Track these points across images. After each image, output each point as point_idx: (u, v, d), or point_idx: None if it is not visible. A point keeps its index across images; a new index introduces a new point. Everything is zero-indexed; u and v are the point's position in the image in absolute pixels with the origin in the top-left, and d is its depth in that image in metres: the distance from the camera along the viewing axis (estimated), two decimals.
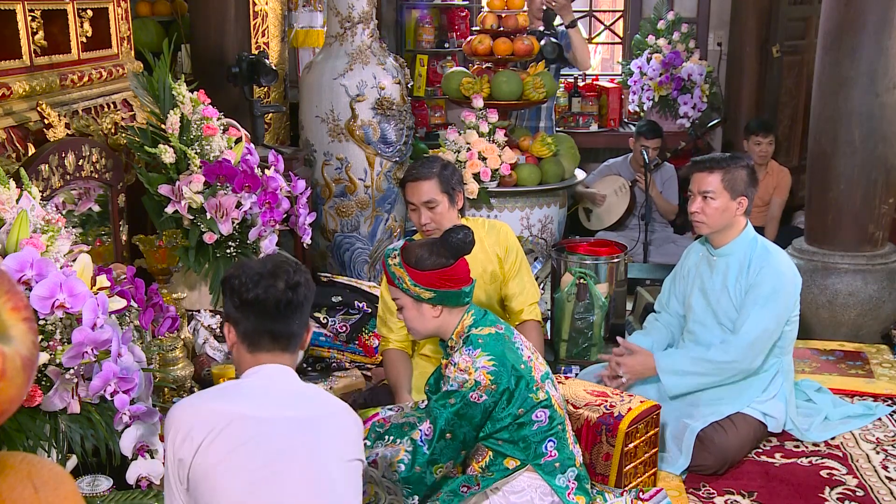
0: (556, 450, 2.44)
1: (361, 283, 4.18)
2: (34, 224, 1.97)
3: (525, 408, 2.38)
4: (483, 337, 2.39)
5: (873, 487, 2.91)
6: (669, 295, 3.44)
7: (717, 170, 3.13)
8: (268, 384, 1.84)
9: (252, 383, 1.85)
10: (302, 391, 1.88)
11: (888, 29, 3.88)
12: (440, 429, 2.34)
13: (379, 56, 4.41)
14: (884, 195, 4.05)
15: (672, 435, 3.06)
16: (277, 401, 1.82)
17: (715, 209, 3.13)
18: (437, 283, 2.39)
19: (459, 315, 2.46)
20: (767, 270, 3.09)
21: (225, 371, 2.83)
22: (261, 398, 1.82)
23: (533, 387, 2.39)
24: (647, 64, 6.18)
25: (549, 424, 2.42)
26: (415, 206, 3.07)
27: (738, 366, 3.12)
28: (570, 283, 3.86)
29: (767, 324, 3.08)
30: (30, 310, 1.20)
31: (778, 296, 3.08)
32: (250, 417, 1.76)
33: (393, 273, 2.43)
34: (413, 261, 2.40)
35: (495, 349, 2.37)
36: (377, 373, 3.62)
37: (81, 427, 1.89)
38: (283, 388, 1.86)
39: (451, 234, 2.40)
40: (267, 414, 1.78)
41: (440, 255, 2.40)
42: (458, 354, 2.39)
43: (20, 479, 1.19)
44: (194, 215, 3.06)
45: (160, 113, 3.14)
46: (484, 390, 2.32)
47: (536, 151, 4.68)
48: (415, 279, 2.39)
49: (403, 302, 2.45)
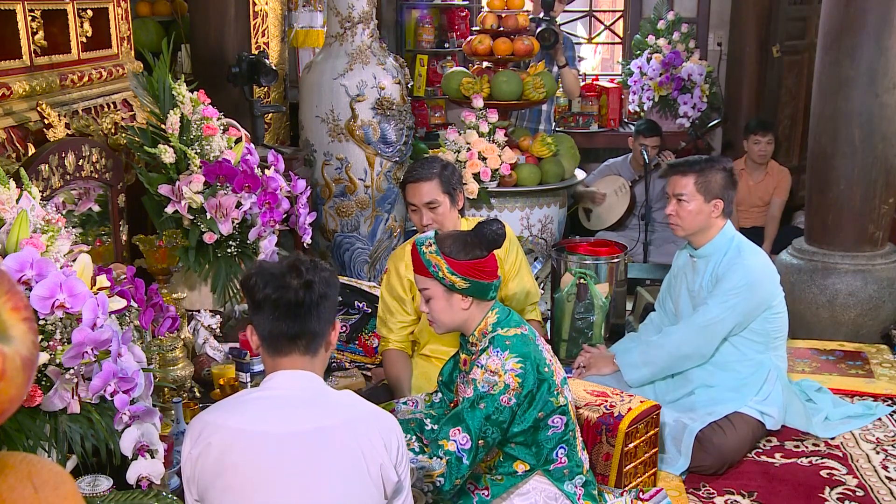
0: (566, 457, 2.42)
1: (361, 283, 4.18)
2: (34, 224, 1.97)
3: (545, 411, 2.36)
4: (510, 338, 2.37)
5: (873, 487, 2.91)
6: (665, 295, 3.48)
7: (690, 173, 3.16)
8: (276, 395, 1.81)
9: (263, 395, 1.83)
10: (314, 399, 1.83)
11: (888, 29, 3.88)
12: (475, 436, 2.29)
13: (379, 56, 4.41)
14: (884, 195, 4.05)
15: (671, 436, 3.06)
16: (283, 415, 1.78)
17: (689, 212, 3.15)
18: (472, 273, 2.37)
19: (485, 310, 2.44)
20: (735, 268, 3.12)
21: (225, 371, 2.83)
22: (267, 411, 1.79)
23: (554, 391, 2.38)
24: (647, 64, 6.18)
25: (564, 431, 2.41)
26: (416, 206, 3.06)
27: (684, 349, 3.19)
28: (570, 283, 3.86)
29: (720, 314, 3.12)
30: (30, 310, 1.20)
31: (738, 292, 3.10)
32: (250, 433, 1.74)
33: (428, 261, 2.39)
34: (449, 250, 2.38)
35: (522, 350, 2.35)
36: (377, 373, 3.62)
37: (81, 427, 1.89)
38: (293, 397, 1.81)
39: (486, 227, 2.39)
40: (266, 429, 1.75)
41: (474, 247, 2.39)
42: (486, 356, 2.35)
43: (20, 479, 1.19)
44: (194, 215, 3.06)
45: (160, 113, 3.14)
46: (512, 393, 2.30)
47: (536, 151, 4.68)
48: (452, 267, 2.36)
49: (434, 292, 2.41)
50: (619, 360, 3.32)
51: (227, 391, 2.78)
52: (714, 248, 3.20)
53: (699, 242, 3.23)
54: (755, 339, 3.20)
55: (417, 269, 2.44)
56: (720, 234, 3.20)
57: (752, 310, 3.14)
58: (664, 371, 3.26)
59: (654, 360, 3.24)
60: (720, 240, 3.19)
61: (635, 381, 3.25)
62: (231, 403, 1.86)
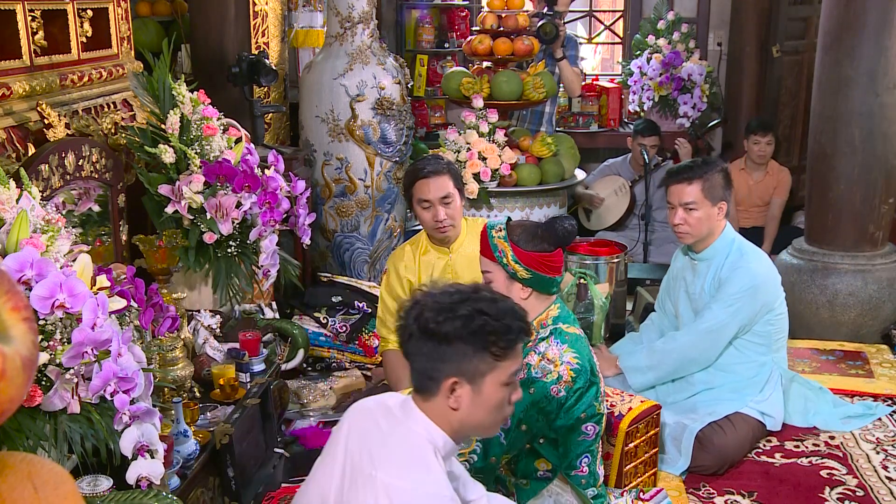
0: (588, 466, 2.42)
1: (361, 283, 4.18)
2: (34, 224, 1.97)
3: (588, 413, 2.36)
4: (570, 335, 2.39)
5: (873, 487, 2.91)
6: (665, 296, 3.48)
7: (695, 179, 3.14)
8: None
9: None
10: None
11: (888, 29, 3.88)
12: (518, 418, 2.31)
13: (379, 56, 4.40)
14: (884, 195, 4.05)
15: (671, 436, 3.06)
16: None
17: (698, 219, 3.15)
18: (536, 266, 2.38)
19: (545, 304, 2.45)
20: (739, 271, 3.12)
21: (225, 371, 2.83)
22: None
23: (599, 397, 2.39)
24: (647, 64, 6.18)
25: (592, 440, 2.41)
26: (429, 202, 3.04)
27: (690, 354, 3.18)
28: (571, 283, 3.86)
29: (724, 319, 3.12)
30: (30, 310, 1.20)
31: (743, 295, 3.10)
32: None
33: (495, 245, 2.41)
34: (517, 238, 2.39)
35: (581, 349, 2.37)
36: (377, 373, 3.62)
37: (81, 427, 1.88)
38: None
39: (559, 222, 2.40)
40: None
41: (543, 240, 2.39)
42: (546, 344, 2.37)
43: (20, 479, 1.19)
44: (194, 215, 3.06)
45: (160, 113, 3.13)
46: (563, 385, 2.31)
47: (536, 151, 4.68)
48: (517, 256, 2.37)
49: (495, 277, 2.42)
50: (623, 363, 3.31)
51: (227, 391, 2.78)
52: (716, 251, 3.19)
53: (702, 246, 3.22)
54: (757, 342, 3.20)
55: (484, 252, 2.46)
56: (721, 237, 3.19)
57: (756, 313, 3.14)
58: (669, 375, 3.25)
59: (658, 365, 3.23)
60: (721, 242, 3.19)
61: (640, 385, 3.24)
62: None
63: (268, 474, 2.78)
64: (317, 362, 3.83)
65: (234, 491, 2.53)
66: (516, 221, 2.48)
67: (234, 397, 2.77)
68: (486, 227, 2.46)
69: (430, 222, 3.07)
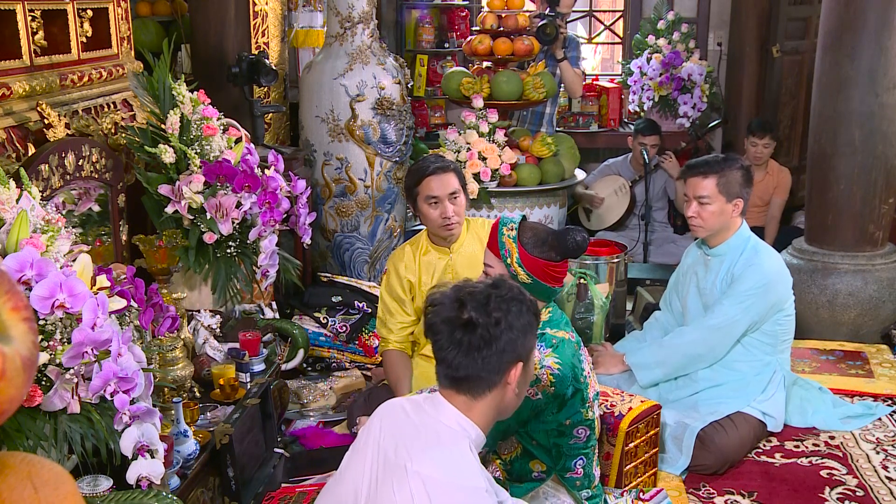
0: (583, 468, 2.42)
1: (361, 283, 4.18)
2: (34, 224, 1.97)
3: (573, 420, 2.35)
4: (557, 339, 2.37)
5: (873, 487, 2.91)
6: (672, 293, 3.48)
7: (711, 174, 3.15)
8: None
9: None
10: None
11: (888, 29, 3.88)
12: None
13: (379, 56, 4.41)
14: (884, 195, 4.05)
15: (672, 435, 3.06)
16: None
17: (711, 213, 3.15)
18: (539, 273, 2.36)
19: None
20: (752, 269, 3.12)
21: (225, 371, 2.83)
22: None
23: (585, 403, 2.37)
24: (647, 64, 6.18)
25: (585, 444, 2.40)
26: (437, 199, 3.04)
27: (698, 350, 3.17)
28: (571, 283, 3.86)
29: (735, 315, 3.11)
30: (30, 310, 1.20)
31: (755, 293, 3.10)
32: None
33: (503, 243, 2.39)
34: (525, 241, 2.36)
35: (565, 355, 2.34)
36: (377, 373, 3.62)
37: (81, 427, 1.88)
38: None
39: (571, 234, 2.37)
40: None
41: (552, 248, 2.37)
42: None
43: (20, 479, 1.19)
44: (194, 215, 3.06)
45: (160, 113, 3.14)
46: (541, 389, 2.29)
47: (536, 151, 4.68)
48: (522, 259, 2.35)
49: (496, 273, 2.39)
50: (630, 360, 3.30)
51: (227, 391, 2.78)
52: (730, 248, 3.19)
53: (716, 241, 3.22)
54: (765, 341, 3.20)
55: (490, 246, 2.44)
56: (737, 234, 3.19)
57: (767, 311, 3.14)
58: (676, 371, 3.24)
59: (666, 361, 3.22)
60: (737, 239, 3.19)
61: (648, 381, 3.23)
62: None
63: (268, 474, 2.78)
64: (317, 362, 3.83)
65: (234, 491, 2.53)
66: (531, 223, 2.45)
67: (234, 397, 2.77)
68: (499, 220, 2.44)
69: (437, 220, 3.06)
